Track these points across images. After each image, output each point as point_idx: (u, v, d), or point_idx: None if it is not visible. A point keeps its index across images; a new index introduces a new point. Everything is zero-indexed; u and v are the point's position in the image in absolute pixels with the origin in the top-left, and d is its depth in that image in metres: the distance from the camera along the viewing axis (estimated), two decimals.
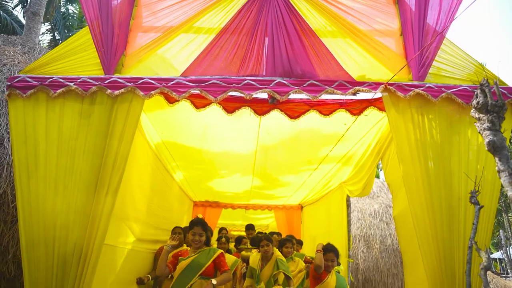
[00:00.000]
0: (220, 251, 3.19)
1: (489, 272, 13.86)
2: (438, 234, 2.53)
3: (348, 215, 5.24)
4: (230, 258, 4.40)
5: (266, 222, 9.91)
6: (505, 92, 2.79)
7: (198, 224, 3.18)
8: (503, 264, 20.57)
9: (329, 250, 3.58)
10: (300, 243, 5.32)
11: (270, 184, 5.96)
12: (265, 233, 4.90)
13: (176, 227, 4.32)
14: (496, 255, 20.12)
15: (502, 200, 15.63)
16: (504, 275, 16.43)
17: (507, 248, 15.71)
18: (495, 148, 1.97)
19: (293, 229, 7.48)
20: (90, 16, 2.88)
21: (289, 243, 4.31)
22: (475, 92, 2.12)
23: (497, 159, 1.97)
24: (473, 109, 2.13)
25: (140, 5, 3.15)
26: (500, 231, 16.44)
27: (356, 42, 3.00)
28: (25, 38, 6.06)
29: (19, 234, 2.38)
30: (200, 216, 3.20)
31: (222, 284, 3.10)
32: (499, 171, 1.97)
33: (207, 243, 3.21)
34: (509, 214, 15.48)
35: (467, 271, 2.32)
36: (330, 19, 3.04)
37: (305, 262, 4.46)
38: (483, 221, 2.52)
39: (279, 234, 5.73)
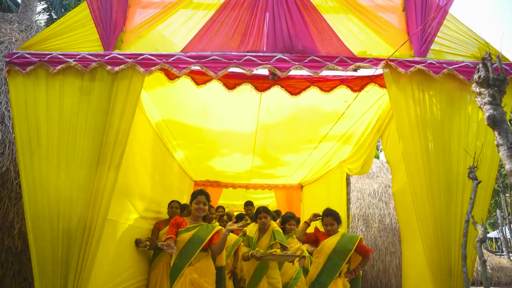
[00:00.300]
0: (220, 227, 3.23)
1: (484, 251, 14.12)
2: (436, 208, 2.57)
3: (348, 193, 5.30)
4: (232, 237, 4.44)
5: (266, 202, 10.00)
6: (507, 68, 2.77)
7: (202, 193, 3.22)
8: (498, 243, 20.92)
9: (327, 214, 3.51)
10: (297, 221, 5.39)
11: (270, 163, 6.00)
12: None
13: (173, 201, 4.37)
14: (493, 234, 20.43)
15: (500, 180, 15.76)
16: (499, 254, 16.75)
17: (503, 228, 15.95)
18: (494, 122, 1.98)
19: (293, 209, 7.55)
20: None
21: (293, 220, 4.34)
22: (477, 67, 2.11)
23: (496, 133, 1.98)
24: (474, 83, 2.12)
25: None
26: (497, 211, 16.64)
27: (357, 18, 2.96)
28: (22, 16, 5.96)
29: (24, 209, 2.42)
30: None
31: (220, 246, 3.13)
32: (498, 145, 1.98)
33: (204, 218, 3.25)
34: (507, 195, 15.63)
35: (463, 244, 2.37)
36: None
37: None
38: (480, 196, 2.55)
39: (278, 212, 5.82)
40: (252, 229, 4.05)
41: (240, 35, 2.85)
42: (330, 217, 3.47)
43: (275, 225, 4.03)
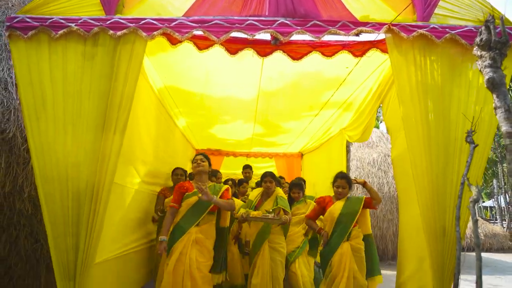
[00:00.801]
0: (226, 186, 3.36)
1: (479, 218, 14.43)
2: (434, 172, 2.65)
3: (348, 160, 5.39)
4: (238, 203, 4.49)
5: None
6: (510, 32, 2.76)
7: (200, 154, 3.38)
8: (493, 212, 21.38)
9: (341, 177, 3.53)
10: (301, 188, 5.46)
11: (271, 131, 6.05)
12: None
13: (177, 168, 4.45)
14: (488, 203, 20.82)
15: (499, 151, 15.85)
16: (492, 221, 17.17)
17: (499, 197, 16.25)
18: (494, 85, 2.02)
19: (293, 177, 7.67)
20: None
21: (296, 189, 4.40)
22: (480, 29, 2.12)
23: (495, 96, 2.03)
24: (476, 46, 2.14)
25: None
26: (494, 180, 16.87)
27: None
28: None
29: (34, 173, 2.49)
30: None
31: (225, 208, 3.28)
32: (495, 108, 2.03)
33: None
34: (504, 165, 15.75)
35: (458, 204, 2.47)
36: None
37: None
38: (477, 159, 2.61)
39: (281, 178, 5.92)
40: (254, 193, 4.13)
41: (242, 1, 2.82)
42: (344, 179, 3.51)
43: (280, 191, 4.07)
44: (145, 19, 2.70)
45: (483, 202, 20.80)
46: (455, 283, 2.48)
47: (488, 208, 22.26)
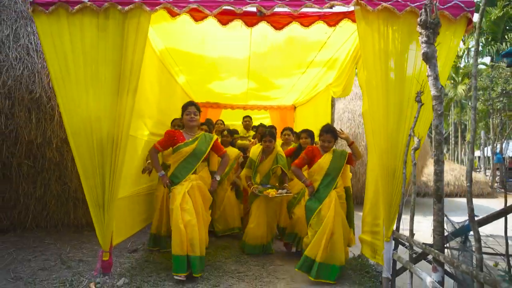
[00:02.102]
0: (216, 136, 3.57)
1: (462, 166, 15.24)
2: (389, 125, 3.22)
3: (332, 113, 5.97)
4: (232, 151, 5.01)
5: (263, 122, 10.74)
6: (462, 5, 3.21)
7: (192, 104, 3.47)
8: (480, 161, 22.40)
9: (326, 131, 3.68)
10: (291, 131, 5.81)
11: (264, 86, 6.57)
12: (269, 127, 5.34)
13: (175, 119, 4.94)
14: (476, 153, 21.67)
15: (490, 103, 16.28)
16: (478, 170, 18.14)
17: (485, 148, 17.03)
18: (427, 58, 2.56)
19: None
20: None
21: (305, 134, 4.44)
22: (420, 11, 2.61)
23: (428, 66, 2.57)
24: (418, 25, 2.64)
25: None
26: (482, 132, 17.52)
27: None
28: None
29: (65, 127, 3.09)
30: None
31: (224, 170, 3.62)
32: (428, 75, 2.59)
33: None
34: (492, 117, 16.26)
35: (406, 151, 3.11)
36: None
37: None
38: (424, 115, 3.15)
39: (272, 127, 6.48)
40: (255, 151, 4.36)
41: None
42: (329, 134, 3.69)
43: (279, 149, 4.30)
44: None
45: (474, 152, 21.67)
46: (399, 214, 3.20)
47: (477, 158, 23.23)
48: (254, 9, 3.32)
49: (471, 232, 2.32)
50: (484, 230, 2.47)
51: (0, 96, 3.61)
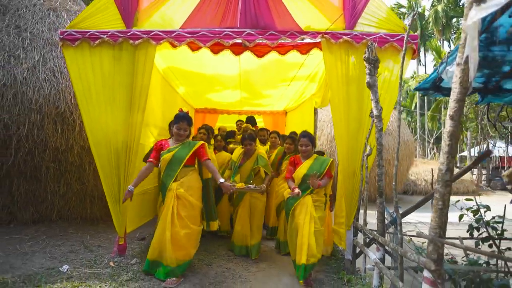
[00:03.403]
0: (201, 142, 3.56)
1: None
2: (349, 136, 3.97)
3: (315, 121, 6.74)
4: (225, 155, 5.29)
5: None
6: (409, 39, 3.96)
7: (184, 119, 3.45)
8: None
9: (303, 136, 3.88)
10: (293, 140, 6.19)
11: (255, 96, 7.35)
12: (261, 130, 5.84)
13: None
14: (464, 153, 22.46)
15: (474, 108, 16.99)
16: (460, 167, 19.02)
17: (472, 148, 17.90)
18: (370, 85, 3.32)
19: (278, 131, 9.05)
20: None
21: (289, 140, 4.69)
22: (366, 49, 3.37)
23: (371, 92, 3.33)
24: (364, 60, 3.40)
25: None
26: (468, 132, 18.29)
27: None
28: None
29: (88, 137, 3.85)
30: (184, 110, 3.81)
31: (216, 172, 3.55)
32: (372, 99, 3.35)
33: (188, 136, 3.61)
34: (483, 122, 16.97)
35: (362, 156, 3.87)
36: None
37: None
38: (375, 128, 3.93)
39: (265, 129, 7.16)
40: (237, 153, 4.58)
41: (221, 14, 4.00)
42: (305, 138, 3.89)
43: (261, 151, 4.51)
44: (153, 31, 3.91)
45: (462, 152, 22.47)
46: (358, 208, 3.98)
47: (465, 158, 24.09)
48: (240, 41, 4.09)
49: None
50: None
51: (33, 111, 4.40)
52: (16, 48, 4.58)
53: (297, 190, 3.71)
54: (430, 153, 22.93)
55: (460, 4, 20.34)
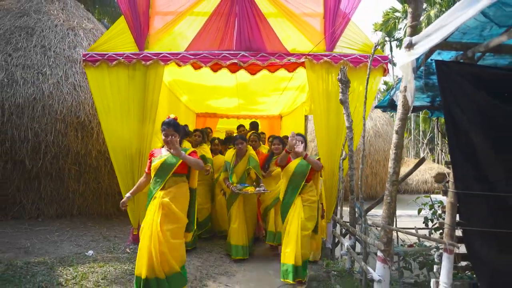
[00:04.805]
0: (192, 149, 3.25)
1: (440, 166, 16.62)
2: (329, 142, 4.67)
3: (306, 126, 7.44)
4: (221, 158, 5.32)
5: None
6: (379, 59, 4.66)
7: (170, 126, 3.09)
8: None
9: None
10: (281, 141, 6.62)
11: (251, 103, 8.08)
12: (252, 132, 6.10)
13: None
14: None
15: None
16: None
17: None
18: (342, 102, 4.01)
19: (274, 134, 9.74)
20: (124, 10, 4.61)
21: (276, 141, 4.78)
22: (340, 71, 4.05)
23: (343, 107, 4.02)
24: (338, 81, 4.09)
25: None
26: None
27: (291, 23, 4.73)
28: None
29: (107, 145, 4.55)
30: (172, 116, 3.37)
31: (193, 166, 3.12)
32: (344, 114, 4.04)
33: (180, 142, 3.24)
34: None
35: (340, 159, 4.56)
36: (274, 5, 4.72)
37: None
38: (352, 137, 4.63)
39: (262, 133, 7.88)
40: (229, 154, 4.77)
41: (220, 39, 4.70)
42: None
43: (251, 151, 4.70)
44: (162, 53, 4.61)
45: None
46: (336, 204, 4.67)
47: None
48: (236, 61, 4.78)
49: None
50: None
51: (58, 121, 5.12)
52: (43, 66, 5.30)
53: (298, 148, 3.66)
54: (423, 153, 23.66)
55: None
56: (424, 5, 21.67)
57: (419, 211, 4.18)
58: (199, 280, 3.69)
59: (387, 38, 24.68)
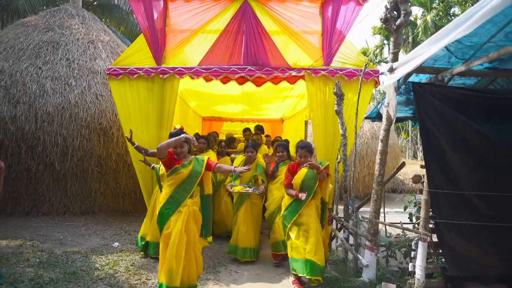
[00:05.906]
0: (207, 157, 3.40)
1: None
2: (326, 147, 5.24)
3: (306, 131, 8.01)
4: (229, 162, 5.78)
5: None
6: (371, 72, 5.23)
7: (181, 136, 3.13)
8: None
9: (301, 147, 3.89)
10: (285, 147, 7.26)
11: (255, 109, 8.66)
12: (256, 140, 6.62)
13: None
14: None
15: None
16: None
17: None
18: (337, 113, 4.58)
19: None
20: (143, 28, 5.19)
21: (280, 148, 4.82)
22: (335, 85, 4.62)
23: (338, 118, 4.59)
24: (333, 94, 4.66)
25: (169, 16, 5.39)
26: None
27: (292, 40, 5.30)
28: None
29: (128, 149, 5.12)
30: (178, 126, 3.69)
31: (230, 168, 3.35)
32: (339, 123, 4.61)
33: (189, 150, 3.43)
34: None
35: (335, 162, 5.14)
36: (277, 24, 5.30)
37: None
38: (347, 142, 5.20)
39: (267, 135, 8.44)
40: (238, 160, 5.11)
41: (229, 55, 5.27)
42: (304, 149, 3.89)
43: (260, 159, 4.85)
44: (177, 67, 5.17)
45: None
46: (333, 201, 5.24)
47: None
48: (243, 75, 5.35)
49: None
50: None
51: (83, 127, 5.70)
52: (68, 77, 5.87)
53: (301, 194, 3.72)
54: (421, 153, 24.19)
55: (450, 12, 21.52)
56: (422, 10, 22.29)
57: (405, 208, 4.75)
58: (212, 267, 4.25)
59: (385, 42, 25.28)
